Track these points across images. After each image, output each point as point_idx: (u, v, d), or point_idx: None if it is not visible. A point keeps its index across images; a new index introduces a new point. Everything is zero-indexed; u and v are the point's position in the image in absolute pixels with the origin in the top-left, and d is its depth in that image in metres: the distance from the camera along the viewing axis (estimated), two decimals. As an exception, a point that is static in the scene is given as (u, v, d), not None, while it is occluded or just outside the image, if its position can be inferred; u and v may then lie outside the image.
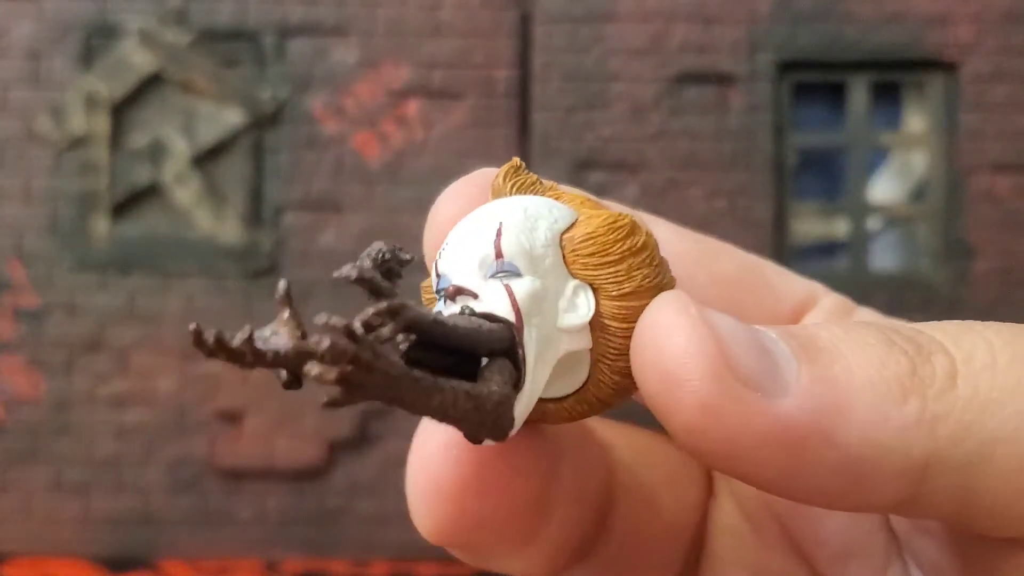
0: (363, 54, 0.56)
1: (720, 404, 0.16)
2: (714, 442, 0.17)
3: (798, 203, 0.57)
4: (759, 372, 0.17)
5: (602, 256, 0.18)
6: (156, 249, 0.56)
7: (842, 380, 0.17)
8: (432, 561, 0.55)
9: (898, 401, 0.17)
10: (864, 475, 0.17)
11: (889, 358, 0.17)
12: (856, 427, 0.17)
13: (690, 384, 0.16)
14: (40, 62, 0.56)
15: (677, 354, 0.17)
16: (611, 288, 0.18)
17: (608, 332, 0.18)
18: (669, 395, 0.17)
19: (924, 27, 0.55)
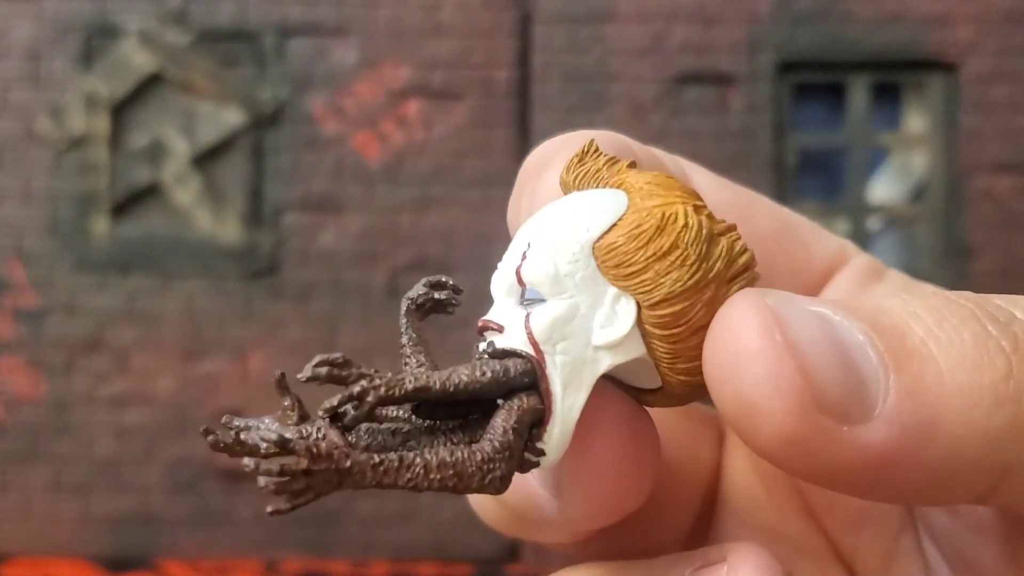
0: (363, 54, 0.56)
1: (804, 438, 0.16)
2: (796, 467, 0.16)
3: (798, 203, 0.57)
4: (847, 397, 0.16)
5: (627, 267, 0.18)
6: (156, 249, 0.56)
7: (932, 391, 0.16)
8: (431, 561, 0.55)
9: (989, 412, 0.16)
10: (944, 483, 0.16)
11: (984, 358, 0.16)
12: (944, 443, 0.16)
13: (772, 417, 0.15)
14: (40, 62, 0.56)
15: (760, 384, 0.16)
16: (643, 298, 0.18)
17: (652, 339, 0.18)
18: (748, 423, 0.16)
19: (924, 27, 0.55)
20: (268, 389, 0.62)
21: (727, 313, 0.16)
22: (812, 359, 0.16)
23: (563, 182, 0.20)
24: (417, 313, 0.20)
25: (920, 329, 0.17)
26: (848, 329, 0.17)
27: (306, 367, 0.18)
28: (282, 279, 0.55)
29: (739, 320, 0.16)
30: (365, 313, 0.55)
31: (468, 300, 0.21)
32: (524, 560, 0.54)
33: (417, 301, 0.20)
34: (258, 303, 0.55)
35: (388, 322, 0.55)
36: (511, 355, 0.18)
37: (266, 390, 0.55)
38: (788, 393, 0.15)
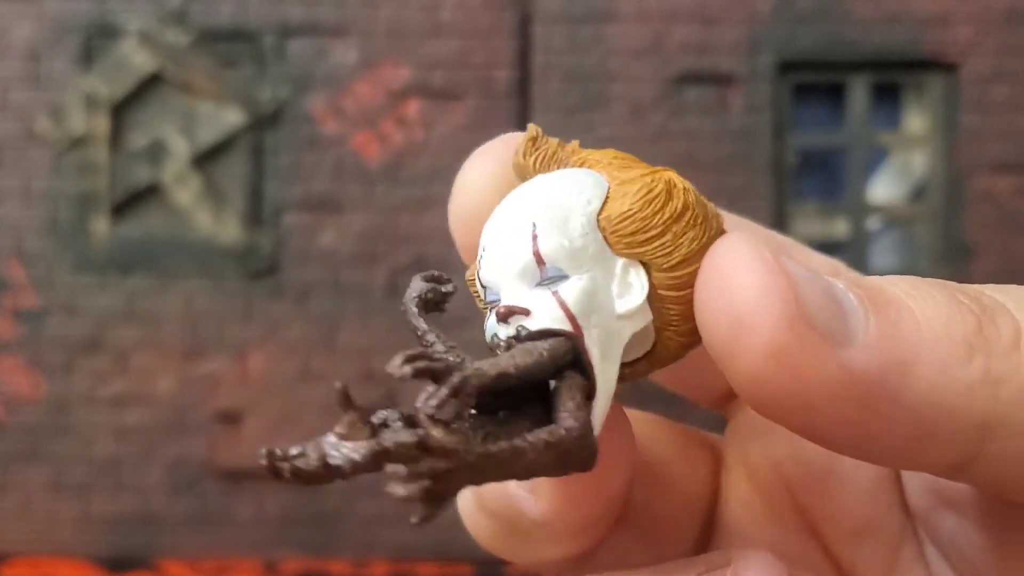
0: (363, 54, 0.56)
1: (791, 350, 0.16)
2: (779, 390, 0.16)
3: (798, 203, 0.57)
4: (831, 319, 0.17)
5: (644, 232, 0.18)
6: (156, 249, 0.56)
7: (910, 335, 0.17)
8: (431, 561, 0.55)
9: (963, 360, 0.17)
10: (926, 433, 0.17)
11: (956, 315, 0.17)
12: (922, 384, 0.17)
13: (762, 328, 0.16)
14: (40, 62, 0.56)
15: (751, 297, 0.16)
16: (661, 261, 0.18)
17: (666, 302, 0.18)
18: (737, 341, 0.16)
19: (924, 27, 0.55)
20: (268, 389, 0.62)
21: (720, 244, 0.17)
22: (800, 281, 0.17)
23: (520, 167, 0.20)
24: (424, 309, 0.20)
25: (897, 289, 0.18)
26: (830, 278, 0.18)
27: (401, 367, 0.17)
28: (282, 279, 0.55)
29: (732, 246, 0.17)
30: (365, 313, 0.55)
31: (467, 299, 0.21)
32: (524, 560, 0.54)
33: (425, 297, 0.20)
34: (258, 303, 0.55)
35: (388, 322, 0.55)
36: (549, 335, 0.18)
37: (266, 391, 0.55)
38: (779, 304, 0.16)
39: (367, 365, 0.55)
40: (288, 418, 0.55)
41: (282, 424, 0.55)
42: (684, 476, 0.23)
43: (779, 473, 0.23)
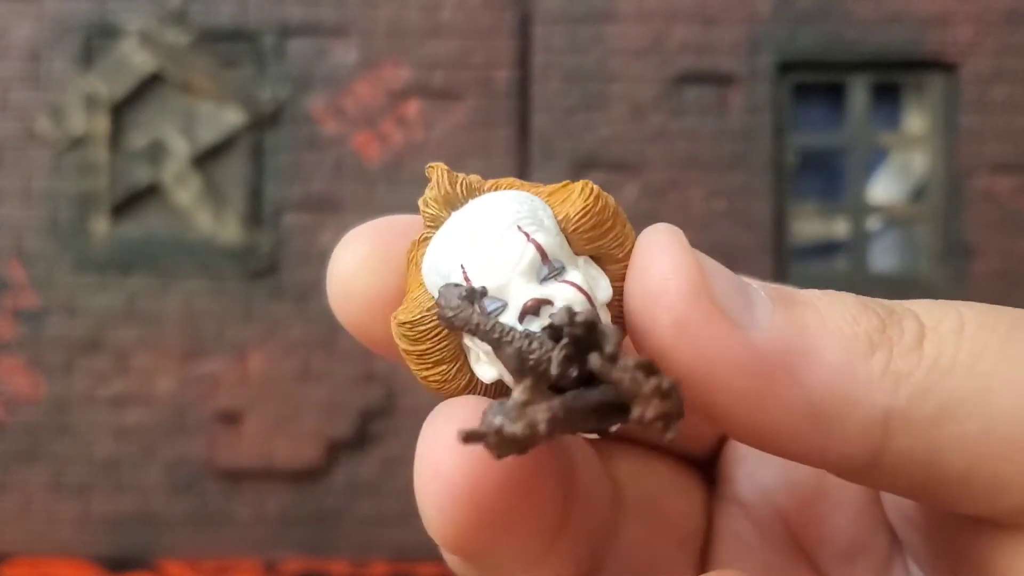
0: (363, 54, 0.56)
1: (694, 323, 0.17)
2: (685, 362, 0.17)
3: (798, 203, 0.57)
4: (735, 303, 0.18)
5: (601, 226, 0.19)
6: (156, 249, 0.56)
7: (813, 326, 0.18)
8: (431, 561, 0.55)
9: (865, 353, 0.17)
10: (828, 422, 0.17)
11: (861, 315, 0.18)
12: (822, 372, 0.17)
13: (668, 300, 0.17)
14: (40, 62, 0.56)
15: (661, 272, 0.17)
16: (616, 252, 0.19)
17: (619, 293, 0.19)
18: (647, 312, 0.17)
19: (924, 27, 0.55)
20: (268, 389, 0.62)
21: (647, 231, 0.19)
22: (711, 267, 0.18)
23: (447, 196, 0.21)
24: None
25: (806, 292, 0.19)
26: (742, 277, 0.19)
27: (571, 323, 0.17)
28: (282, 279, 0.55)
29: (655, 232, 0.18)
30: (365, 313, 0.55)
31: (467, 300, 0.21)
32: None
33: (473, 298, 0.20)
34: (258, 303, 0.55)
35: (388, 322, 0.55)
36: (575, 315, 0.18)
37: (266, 391, 0.55)
38: (686, 280, 0.17)
39: (367, 365, 0.55)
40: (288, 418, 0.55)
41: (282, 424, 0.55)
42: (678, 510, 0.24)
43: (770, 502, 0.23)
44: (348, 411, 0.55)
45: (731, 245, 0.54)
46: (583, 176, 0.55)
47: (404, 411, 0.55)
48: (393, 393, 0.55)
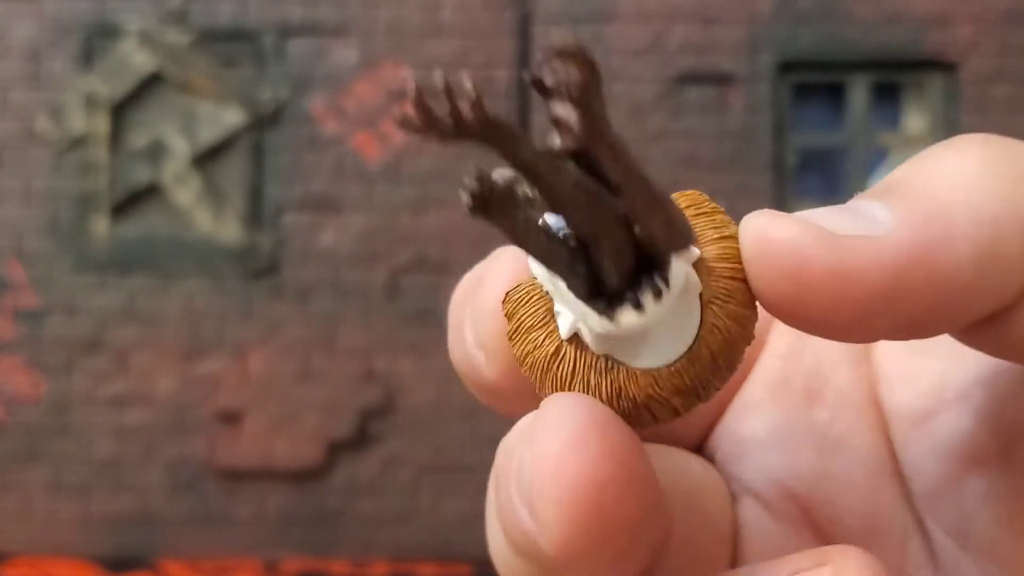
0: (363, 54, 0.56)
1: (841, 258, 0.16)
2: (853, 294, 0.17)
3: (798, 203, 0.57)
4: (857, 224, 0.17)
5: (697, 209, 0.18)
6: (156, 249, 0.56)
7: (936, 187, 0.17)
8: (431, 561, 0.55)
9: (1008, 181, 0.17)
10: (997, 259, 0.16)
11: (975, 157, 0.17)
12: (974, 217, 0.16)
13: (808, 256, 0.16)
14: (40, 62, 0.56)
15: (786, 240, 0.17)
16: (711, 232, 0.18)
17: (715, 274, 0.18)
18: (793, 279, 0.17)
19: (924, 27, 0.55)
20: (268, 389, 0.62)
21: (744, 220, 0.18)
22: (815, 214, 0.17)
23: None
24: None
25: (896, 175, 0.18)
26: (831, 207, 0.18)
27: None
28: (282, 279, 0.55)
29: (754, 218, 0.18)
30: (365, 313, 0.55)
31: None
32: (524, 560, 0.54)
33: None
34: (258, 303, 0.55)
35: (388, 322, 0.55)
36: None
37: (267, 391, 0.55)
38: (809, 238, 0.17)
39: (367, 365, 0.55)
40: (288, 418, 0.55)
41: (282, 424, 0.55)
42: (714, 507, 0.23)
43: (781, 489, 0.23)
44: (348, 411, 0.55)
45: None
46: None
47: (404, 411, 0.55)
48: (393, 393, 0.55)
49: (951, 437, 0.21)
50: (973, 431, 0.21)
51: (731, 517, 0.23)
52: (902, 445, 0.22)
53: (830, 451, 0.22)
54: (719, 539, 0.23)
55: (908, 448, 0.21)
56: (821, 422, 0.22)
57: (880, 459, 0.22)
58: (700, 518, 0.22)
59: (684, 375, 0.17)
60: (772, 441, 0.22)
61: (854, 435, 0.22)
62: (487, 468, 0.18)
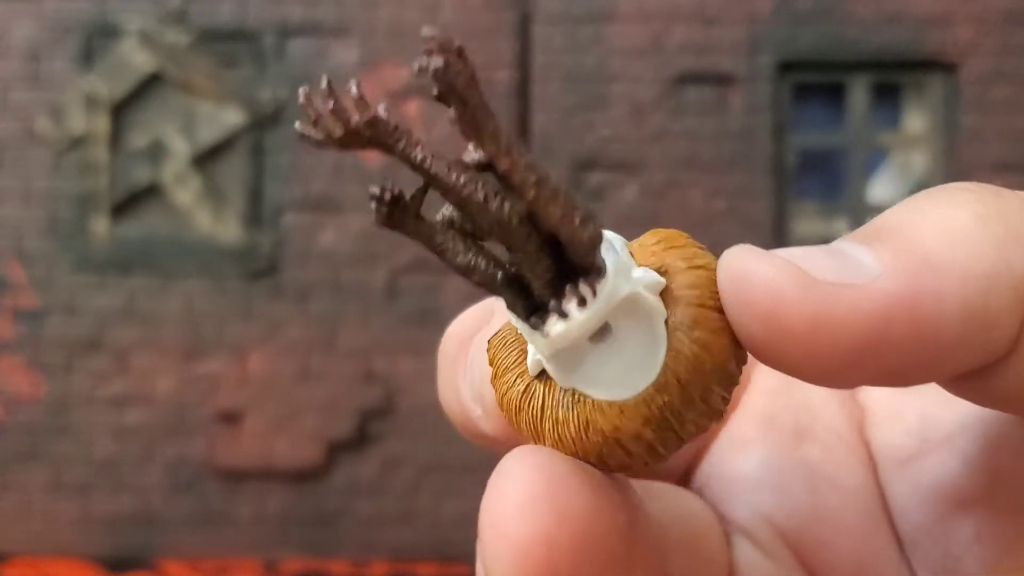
0: (363, 54, 0.56)
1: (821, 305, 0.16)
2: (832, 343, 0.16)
3: (798, 203, 0.57)
4: (841, 269, 0.16)
5: (668, 244, 0.18)
6: (156, 249, 0.56)
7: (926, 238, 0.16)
8: (431, 561, 0.55)
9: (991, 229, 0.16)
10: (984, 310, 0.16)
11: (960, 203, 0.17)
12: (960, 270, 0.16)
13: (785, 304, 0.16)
14: (40, 62, 0.56)
15: (764, 283, 0.16)
16: (680, 263, 0.18)
17: (681, 302, 0.17)
18: (768, 323, 0.16)
19: (924, 27, 0.55)
20: (268, 389, 0.62)
21: (727, 259, 0.17)
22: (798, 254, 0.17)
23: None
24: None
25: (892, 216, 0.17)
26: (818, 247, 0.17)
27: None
28: (282, 279, 0.55)
29: (735, 256, 0.17)
30: (365, 313, 0.55)
31: (466, 301, 0.21)
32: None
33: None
34: (258, 303, 0.55)
35: (388, 322, 0.55)
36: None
37: (266, 391, 0.55)
38: (788, 281, 0.16)
39: (367, 365, 0.55)
40: (288, 418, 0.55)
41: (282, 424, 0.55)
42: (712, 546, 0.23)
43: (773, 529, 0.23)
44: (348, 411, 0.55)
45: (731, 245, 0.54)
46: (582, 175, 0.55)
47: (404, 411, 0.55)
48: (393, 393, 0.55)
49: (936, 479, 0.21)
50: (959, 474, 0.21)
51: (727, 559, 0.23)
52: (888, 484, 0.21)
53: (821, 490, 0.21)
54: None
55: (894, 487, 0.21)
56: (812, 460, 0.22)
57: (871, 499, 0.22)
58: (700, 562, 0.22)
59: (651, 404, 0.17)
60: (763, 479, 0.22)
61: (845, 474, 0.21)
62: (487, 468, 0.17)
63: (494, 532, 0.17)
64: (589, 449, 0.17)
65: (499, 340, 0.19)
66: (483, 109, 0.15)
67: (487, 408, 0.20)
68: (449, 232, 0.16)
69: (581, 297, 0.16)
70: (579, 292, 0.16)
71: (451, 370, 0.21)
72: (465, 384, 0.20)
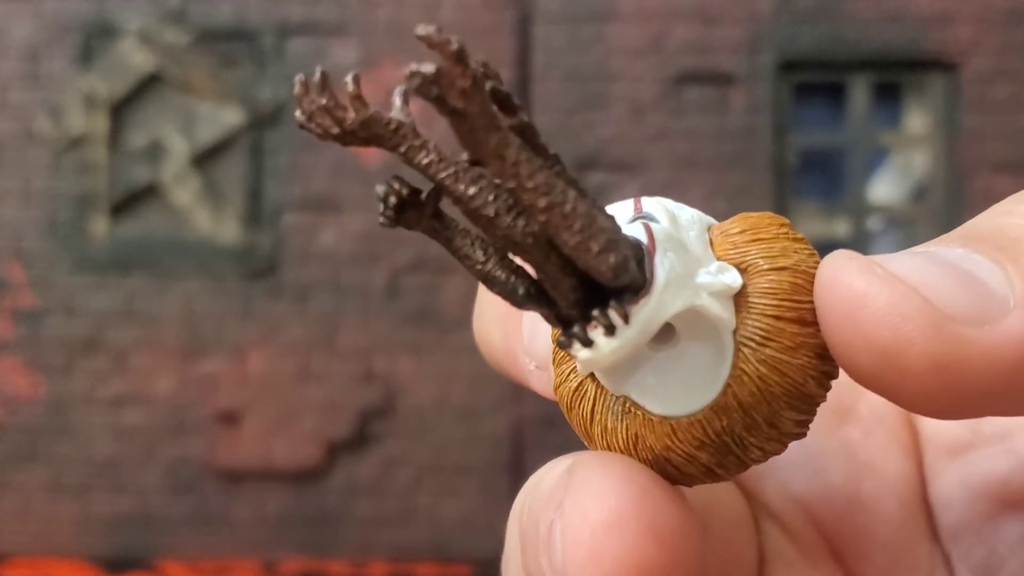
0: (363, 54, 0.56)
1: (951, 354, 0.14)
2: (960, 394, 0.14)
3: (798, 203, 0.57)
4: (973, 301, 0.15)
5: (753, 234, 0.16)
6: (155, 249, 0.56)
7: None
8: (430, 562, 0.55)
9: None
10: None
11: None
12: None
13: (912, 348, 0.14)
14: (39, 62, 0.56)
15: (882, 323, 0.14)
16: (762, 262, 0.15)
17: (754, 311, 0.15)
18: (885, 359, 0.14)
19: (924, 27, 0.55)
20: (268, 389, 0.62)
21: (825, 267, 0.15)
22: (922, 278, 0.15)
23: None
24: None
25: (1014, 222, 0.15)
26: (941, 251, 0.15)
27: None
28: (281, 279, 0.55)
29: (836, 267, 0.15)
30: (365, 313, 0.55)
31: (466, 301, 0.21)
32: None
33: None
34: (257, 303, 0.55)
35: (388, 322, 0.55)
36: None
37: (266, 391, 0.55)
38: (914, 315, 0.14)
39: (367, 365, 0.55)
40: (288, 418, 0.55)
41: (282, 424, 0.55)
42: (746, 540, 0.22)
43: (806, 514, 0.22)
44: (348, 411, 0.55)
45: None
46: (583, 175, 0.55)
47: (404, 411, 0.55)
48: (393, 393, 0.55)
49: (986, 475, 0.20)
50: (1010, 472, 0.20)
51: (757, 549, 0.21)
52: (935, 474, 0.20)
53: (860, 474, 0.20)
54: (749, 571, 0.21)
55: (941, 478, 0.20)
56: (852, 442, 0.21)
57: (910, 488, 0.21)
58: (732, 554, 0.20)
59: (707, 427, 0.15)
60: (798, 459, 0.21)
61: (885, 459, 0.21)
62: (487, 468, 0.17)
63: (579, 556, 0.15)
64: (640, 462, 0.16)
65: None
66: (485, 120, 0.14)
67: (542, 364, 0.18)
68: (469, 237, 0.15)
69: (609, 324, 0.14)
70: (607, 319, 0.14)
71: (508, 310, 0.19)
72: (524, 332, 0.19)
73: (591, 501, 0.15)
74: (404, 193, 0.15)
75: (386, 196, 0.15)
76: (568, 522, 0.15)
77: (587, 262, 0.14)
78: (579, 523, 0.15)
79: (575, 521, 0.15)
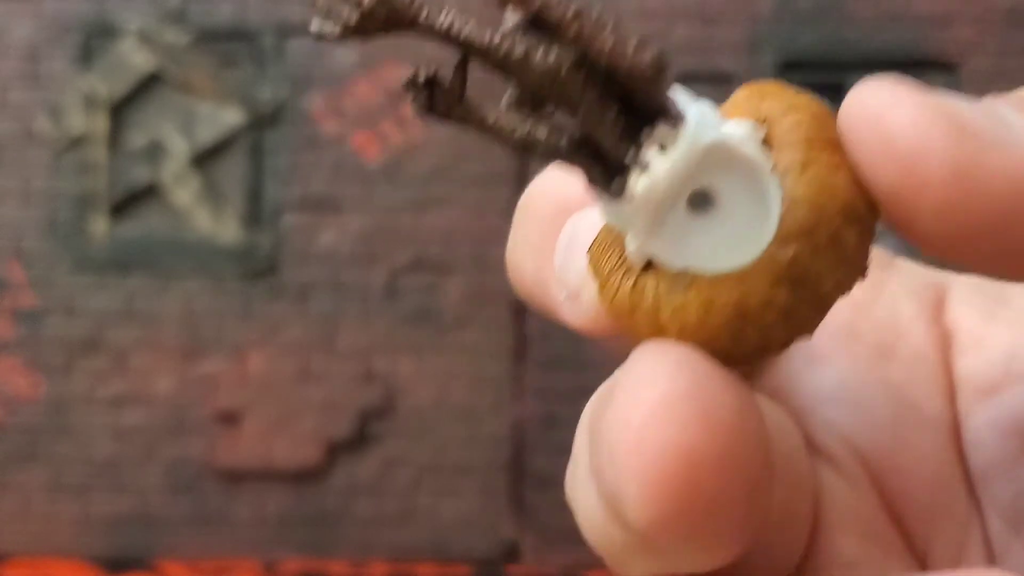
0: (363, 54, 0.56)
1: (972, 156, 0.14)
2: (975, 199, 0.15)
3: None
4: (996, 126, 0.15)
5: (762, 94, 0.16)
6: (155, 250, 0.56)
7: None
8: (431, 561, 0.55)
9: None
10: None
11: None
12: None
13: (931, 145, 0.14)
14: (39, 62, 0.56)
15: (910, 120, 0.15)
16: (778, 110, 0.16)
17: (785, 147, 0.16)
18: (906, 165, 0.15)
19: (924, 27, 0.55)
20: (268, 389, 0.62)
21: (859, 87, 0.16)
22: (948, 101, 0.15)
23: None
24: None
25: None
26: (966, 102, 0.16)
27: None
28: (281, 279, 0.55)
29: (864, 85, 0.16)
30: (365, 313, 0.55)
31: (466, 301, 0.21)
32: (524, 560, 0.54)
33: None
34: (257, 303, 0.55)
35: (388, 322, 0.55)
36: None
37: (266, 391, 0.55)
38: (939, 122, 0.15)
39: (367, 365, 0.55)
40: (288, 418, 0.55)
41: (282, 424, 0.55)
42: (805, 468, 0.21)
43: (854, 450, 0.21)
44: (348, 411, 0.55)
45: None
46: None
47: (404, 411, 0.55)
48: (393, 393, 0.55)
49: (1015, 413, 0.20)
50: None
51: (814, 484, 0.21)
52: (966, 414, 0.20)
53: (902, 415, 0.20)
54: (809, 504, 0.20)
55: (972, 418, 0.20)
56: (894, 381, 0.20)
57: (947, 431, 0.20)
58: (794, 478, 0.19)
59: (775, 261, 0.15)
60: (842, 396, 0.20)
61: (926, 400, 0.20)
62: (487, 468, 0.17)
63: (623, 441, 0.14)
64: (715, 335, 0.15)
65: (597, 246, 0.16)
66: None
67: (573, 294, 0.17)
68: (497, 110, 0.15)
69: (660, 141, 0.14)
70: (657, 136, 0.14)
71: (540, 235, 0.18)
72: (556, 261, 0.18)
73: (642, 384, 0.14)
74: (433, 75, 0.15)
75: (415, 81, 0.15)
76: (617, 408, 0.14)
77: (629, 61, 0.14)
78: (628, 408, 0.14)
79: (624, 406, 0.14)
